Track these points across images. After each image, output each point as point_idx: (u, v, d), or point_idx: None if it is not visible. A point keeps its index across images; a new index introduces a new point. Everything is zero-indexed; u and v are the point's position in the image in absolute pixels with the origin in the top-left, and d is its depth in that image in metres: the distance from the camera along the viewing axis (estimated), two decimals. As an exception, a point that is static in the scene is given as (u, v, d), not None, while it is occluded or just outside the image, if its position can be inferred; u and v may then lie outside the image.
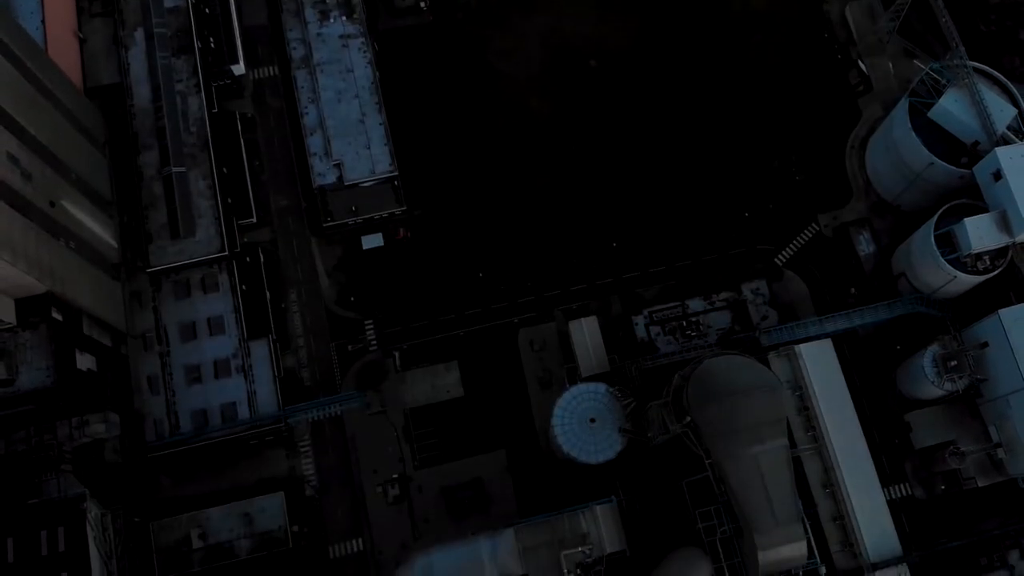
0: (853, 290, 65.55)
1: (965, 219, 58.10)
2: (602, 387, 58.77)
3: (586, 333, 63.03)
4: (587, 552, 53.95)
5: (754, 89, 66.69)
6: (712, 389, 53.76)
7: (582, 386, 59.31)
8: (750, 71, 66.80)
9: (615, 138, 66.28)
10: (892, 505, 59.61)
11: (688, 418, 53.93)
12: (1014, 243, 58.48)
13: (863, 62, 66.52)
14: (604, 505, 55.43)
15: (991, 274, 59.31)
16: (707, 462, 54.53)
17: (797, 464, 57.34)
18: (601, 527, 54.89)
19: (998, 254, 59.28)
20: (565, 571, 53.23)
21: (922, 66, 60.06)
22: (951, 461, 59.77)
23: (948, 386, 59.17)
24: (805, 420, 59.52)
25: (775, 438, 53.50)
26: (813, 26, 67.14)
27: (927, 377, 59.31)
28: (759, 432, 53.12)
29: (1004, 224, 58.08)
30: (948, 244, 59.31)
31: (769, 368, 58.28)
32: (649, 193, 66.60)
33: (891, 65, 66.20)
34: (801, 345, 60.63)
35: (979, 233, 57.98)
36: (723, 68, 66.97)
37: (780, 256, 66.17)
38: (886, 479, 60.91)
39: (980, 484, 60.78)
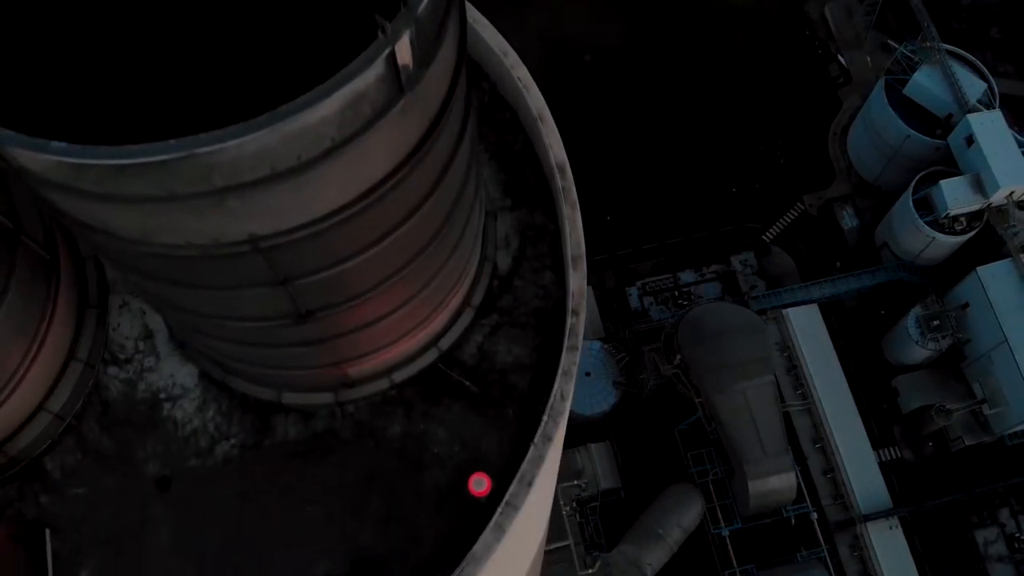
0: (838, 263, 67.64)
1: (941, 181, 61.01)
2: (597, 343, 60.64)
3: (582, 301, 64.96)
4: (583, 486, 54.87)
5: (739, 81, 70.45)
6: (701, 330, 55.93)
7: (578, 343, 61.03)
8: (735, 65, 70.66)
9: (609, 126, 69.50)
10: (882, 467, 60.52)
11: (679, 357, 55.68)
12: (989, 205, 60.75)
13: (842, 56, 70.38)
14: (599, 444, 56.67)
15: (968, 235, 61.56)
16: (698, 401, 56.05)
17: (787, 420, 58.62)
18: (596, 465, 56.09)
19: (974, 216, 61.73)
20: (562, 503, 53.98)
21: (895, 45, 63.64)
22: (938, 418, 60.98)
23: (932, 346, 60.92)
24: (794, 379, 61.22)
25: (761, 374, 55.37)
26: (794, 24, 71.28)
27: (911, 338, 61.14)
28: (746, 368, 55.11)
29: (978, 186, 60.75)
30: (926, 208, 61.85)
31: (756, 322, 59.92)
32: (642, 177, 69.43)
33: (869, 59, 69.97)
34: (789, 309, 62.59)
35: (955, 195, 60.67)
36: (710, 62, 70.87)
37: (768, 233, 68.63)
38: (876, 442, 61.85)
39: (968, 443, 61.53)
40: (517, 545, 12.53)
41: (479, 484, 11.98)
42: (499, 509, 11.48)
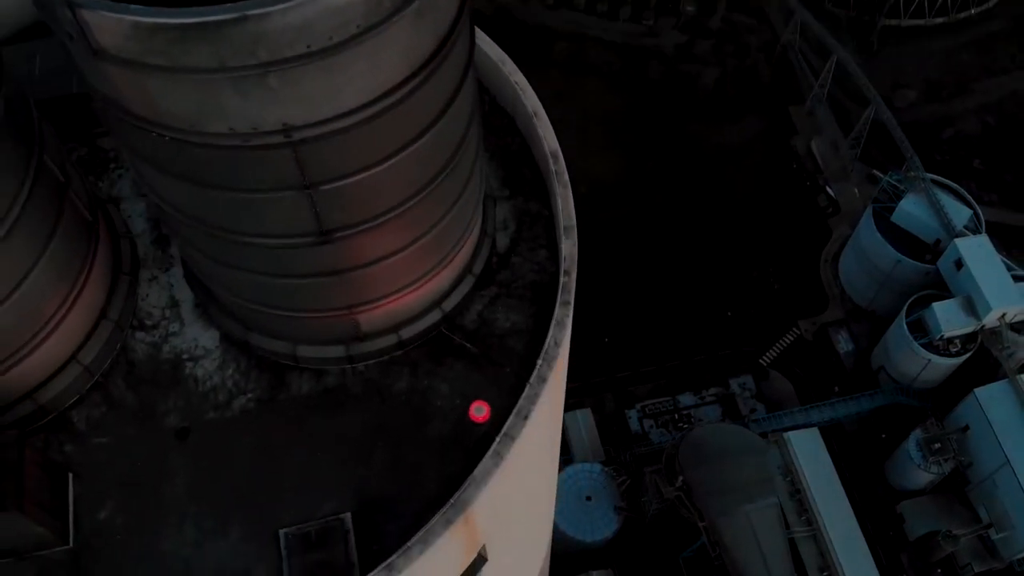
0: (836, 388, 68.52)
1: (933, 304, 62.72)
2: (597, 466, 60.85)
3: (581, 425, 65.57)
4: (586, 614, 54.02)
5: (731, 212, 73.53)
6: (703, 451, 56.49)
7: (578, 465, 61.33)
8: (727, 197, 73.95)
9: (606, 253, 72.06)
10: (892, 596, 59.71)
11: (681, 479, 55.89)
12: (983, 327, 62.28)
13: (830, 188, 73.74)
14: (601, 572, 56.11)
15: (963, 357, 62.75)
16: (701, 525, 55.81)
17: (793, 548, 58.19)
18: (598, 592, 55.25)
19: (968, 338, 63.08)
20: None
21: (881, 175, 66.92)
22: (945, 544, 60.44)
23: (935, 469, 61.09)
24: (798, 504, 60.96)
25: (765, 496, 55.45)
26: (782, 158, 75.01)
27: (913, 461, 61.37)
28: (749, 490, 55.33)
29: (971, 308, 62.44)
30: (920, 331, 63.33)
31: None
32: (639, 301, 71.39)
33: (856, 190, 73.30)
34: (789, 433, 63.06)
35: (948, 317, 62.26)
36: (702, 195, 74.21)
37: (765, 357, 69.88)
38: (884, 571, 61.04)
39: (977, 570, 60.76)
40: (516, 480, 13.31)
41: (479, 411, 13.00)
42: (497, 439, 12.44)
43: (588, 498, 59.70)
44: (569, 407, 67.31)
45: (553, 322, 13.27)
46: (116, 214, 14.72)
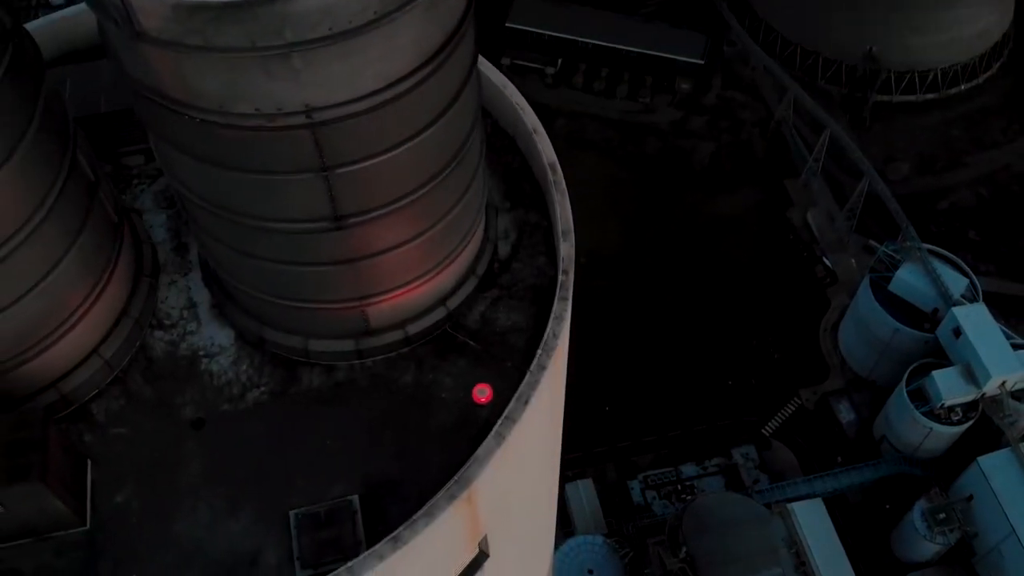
0: (839, 458, 68.60)
1: (933, 372, 63.24)
2: (599, 538, 60.65)
3: (582, 495, 65.55)
4: None
5: (730, 282, 74.68)
6: (707, 521, 56.68)
7: (580, 538, 61.15)
8: (725, 267, 75.20)
9: (606, 323, 73.04)
10: (903, 672, 58.91)
11: (684, 550, 55.83)
12: (983, 395, 62.79)
13: (827, 258, 75.05)
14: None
15: (965, 425, 63.07)
16: (706, 596, 55.46)
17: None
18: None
19: (970, 406, 63.50)
20: None
21: (877, 245, 68.26)
22: (954, 616, 59.76)
23: (940, 540, 60.91)
24: None
25: (770, 567, 55.32)
26: (779, 230, 76.51)
27: (919, 532, 61.17)
28: (754, 562, 55.33)
29: (970, 376, 63.01)
30: (921, 399, 63.78)
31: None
32: (640, 370, 72.03)
33: (853, 261, 74.54)
34: (793, 503, 63.02)
35: (948, 385, 62.79)
36: (701, 265, 75.49)
37: (767, 427, 70.14)
38: (893, 646, 60.39)
39: (988, 644, 60.05)
40: (517, 465, 13.94)
41: (482, 392, 13.74)
42: (499, 421, 13.18)
43: (590, 571, 59.37)
44: (570, 478, 67.37)
45: (552, 316, 14.13)
46: (139, 222, 15.70)
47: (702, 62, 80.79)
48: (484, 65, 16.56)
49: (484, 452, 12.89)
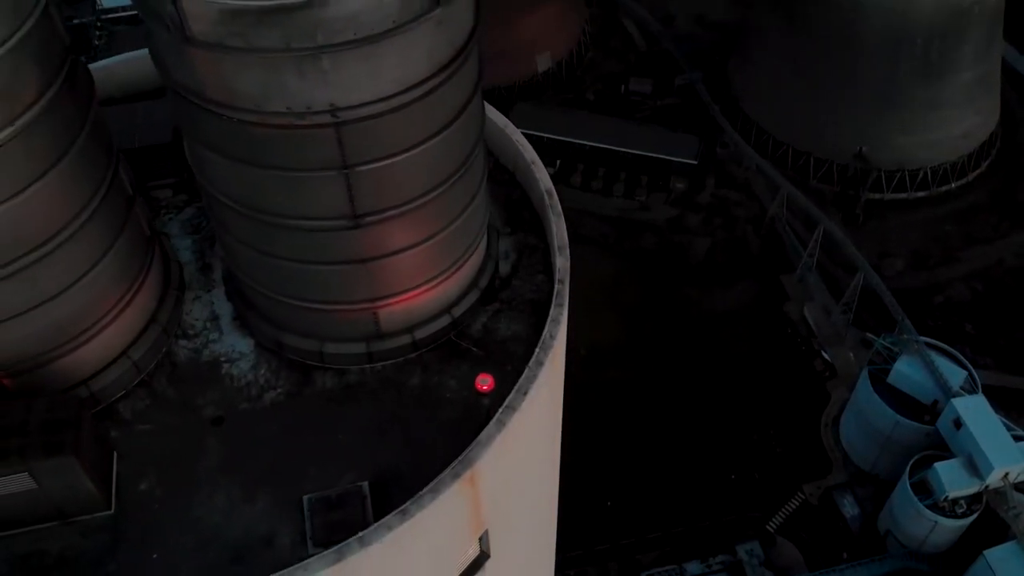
0: (845, 554, 68.39)
1: (936, 464, 63.70)
2: (601, 634, 60.21)
3: (584, 593, 65.09)
4: None
5: (729, 376, 75.75)
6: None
7: (581, 634, 60.63)
8: (724, 361, 76.41)
9: (606, 417, 73.84)
10: None
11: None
12: (987, 487, 63.17)
13: (825, 352, 76.35)
14: None
15: (970, 518, 63.22)
16: None
17: None
18: None
19: (974, 499, 63.75)
20: None
21: (874, 338, 69.70)
22: None
23: (952, 635, 60.28)
24: (812, 674, 59.87)
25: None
26: (777, 324, 78.02)
27: (929, 627, 60.68)
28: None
29: (973, 468, 63.48)
30: (925, 492, 64.08)
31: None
32: (641, 466, 72.40)
33: (851, 355, 75.81)
34: (800, 600, 62.84)
35: (951, 477, 63.20)
36: (700, 359, 76.70)
37: (771, 523, 70.08)
38: None
39: None
40: (516, 454, 15.00)
41: (484, 381, 14.98)
42: (500, 410, 14.40)
43: (592, 669, 58.64)
44: (571, 577, 67.05)
45: (549, 319, 15.53)
46: (167, 244, 17.25)
47: (696, 162, 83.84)
48: (488, 109, 18.40)
49: (486, 436, 14.07)
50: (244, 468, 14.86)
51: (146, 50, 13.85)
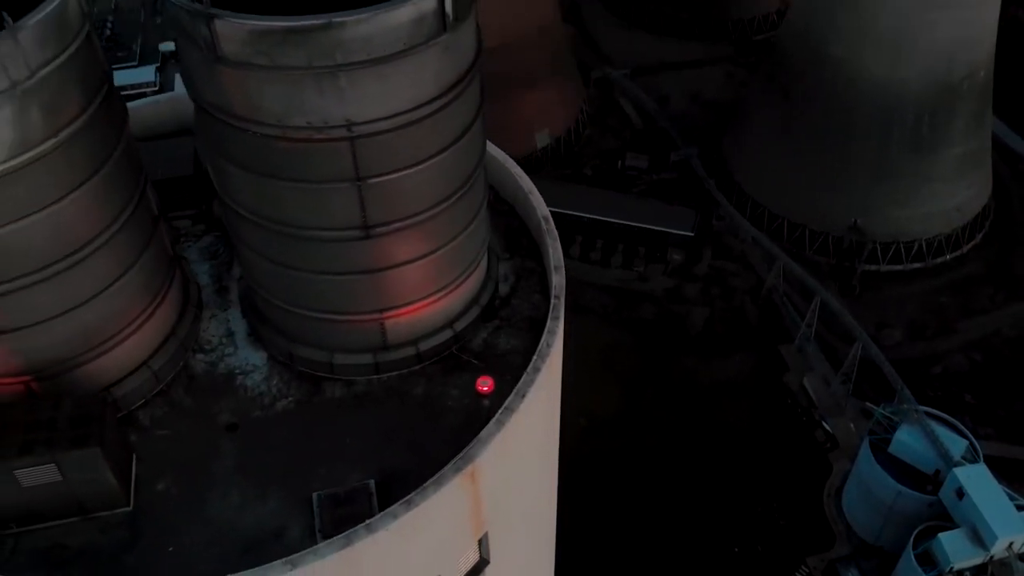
0: (852, 628, 68.00)
1: (940, 534, 63.88)
2: None
3: (584, 669, 64.56)
4: None
5: (729, 447, 76.26)
6: None
7: None
8: (724, 432, 77.01)
9: (605, 488, 74.18)
10: None
11: None
12: (991, 557, 63.28)
13: (826, 423, 76.96)
14: None
15: (976, 589, 63.18)
16: None
17: None
18: None
19: (979, 570, 63.76)
20: None
21: (874, 408, 70.48)
22: None
23: None
24: None
25: None
26: (777, 395, 78.81)
27: None
28: None
29: (977, 538, 63.69)
30: (929, 563, 64.13)
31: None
32: (642, 540, 72.44)
33: (852, 425, 76.46)
34: (805, 673, 62.30)
35: (955, 548, 63.36)
36: (699, 429, 77.32)
37: (775, 597, 69.83)
38: None
39: None
40: (515, 455, 15.97)
41: (484, 383, 16.07)
42: (499, 411, 15.48)
43: None
44: (572, 649, 66.28)
45: (546, 331, 16.73)
46: (187, 266, 18.54)
47: (692, 234, 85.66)
48: (489, 145, 19.88)
49: (486, 434, 15.14)
50: (256, 469, 15.87)
51: (167, 94, 15.42)
